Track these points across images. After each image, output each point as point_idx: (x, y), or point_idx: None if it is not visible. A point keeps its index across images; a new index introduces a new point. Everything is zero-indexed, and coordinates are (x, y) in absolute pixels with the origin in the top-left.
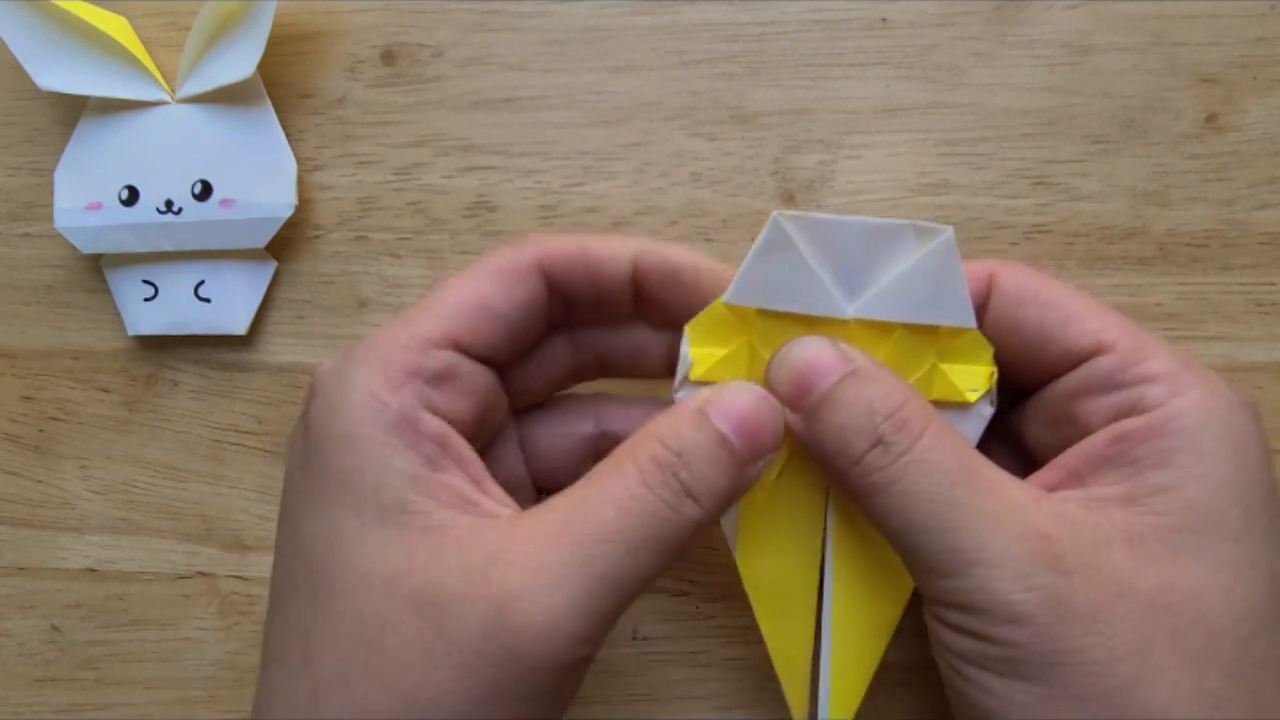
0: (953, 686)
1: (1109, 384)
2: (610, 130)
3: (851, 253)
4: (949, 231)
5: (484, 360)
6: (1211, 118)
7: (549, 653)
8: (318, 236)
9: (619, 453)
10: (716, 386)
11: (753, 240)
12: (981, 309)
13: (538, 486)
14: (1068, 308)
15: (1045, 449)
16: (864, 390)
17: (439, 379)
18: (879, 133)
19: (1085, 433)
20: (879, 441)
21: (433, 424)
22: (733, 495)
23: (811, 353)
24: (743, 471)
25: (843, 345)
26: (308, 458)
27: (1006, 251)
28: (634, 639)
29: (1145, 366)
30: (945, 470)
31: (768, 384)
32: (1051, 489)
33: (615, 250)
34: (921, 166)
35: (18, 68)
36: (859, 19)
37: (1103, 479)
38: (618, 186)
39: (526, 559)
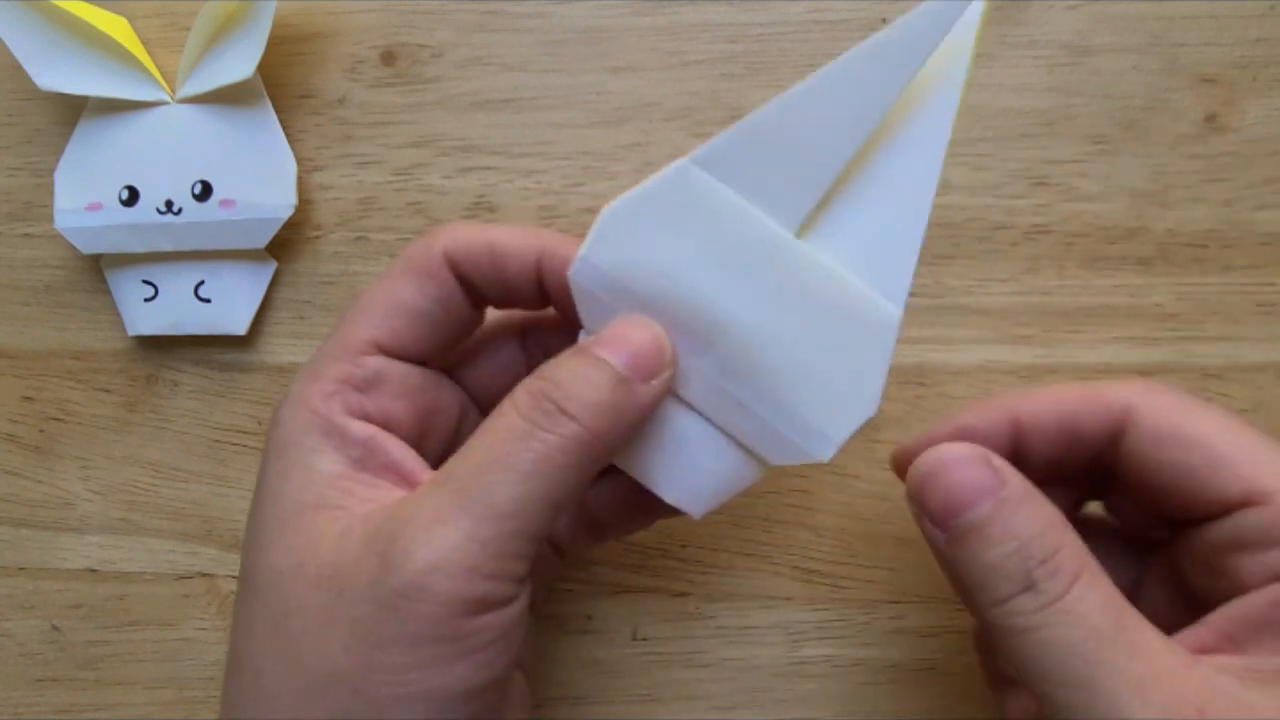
0: None
1: (1266, 540)
2: (610, 130)
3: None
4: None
5: (418, 360)
6: (1211, 118)
7: (444, 589)
8: (318, 237)
9: (505, 398)
10: (608, 325)
11: None
12: (1115, 443)
13: None
14: (1216, 450)
15: (1203, 590)
16: (1017, 524)
17: (368, 384)
18: None
19: (1240, 589)
20: (1029, 587)
21: (360, 429)
22: (618, 409)
23: (964, 475)
24: (626, 387)
25: (995, 461)
26: (258, 473)
27: (1006, 252)
28: (634, 639)
29: None
30: (1093, 625)
31: (908, 485)
32: (1204, 651)
33: (520, 246)
34: None
35: (18, 68)
36: (859, 19)
37: (1263, 647)
38: (618, 186)
39: (414, 508)
